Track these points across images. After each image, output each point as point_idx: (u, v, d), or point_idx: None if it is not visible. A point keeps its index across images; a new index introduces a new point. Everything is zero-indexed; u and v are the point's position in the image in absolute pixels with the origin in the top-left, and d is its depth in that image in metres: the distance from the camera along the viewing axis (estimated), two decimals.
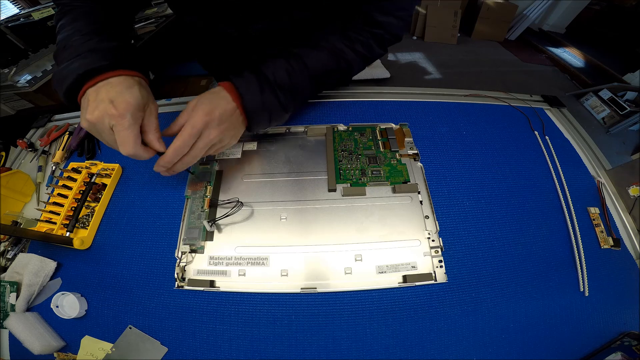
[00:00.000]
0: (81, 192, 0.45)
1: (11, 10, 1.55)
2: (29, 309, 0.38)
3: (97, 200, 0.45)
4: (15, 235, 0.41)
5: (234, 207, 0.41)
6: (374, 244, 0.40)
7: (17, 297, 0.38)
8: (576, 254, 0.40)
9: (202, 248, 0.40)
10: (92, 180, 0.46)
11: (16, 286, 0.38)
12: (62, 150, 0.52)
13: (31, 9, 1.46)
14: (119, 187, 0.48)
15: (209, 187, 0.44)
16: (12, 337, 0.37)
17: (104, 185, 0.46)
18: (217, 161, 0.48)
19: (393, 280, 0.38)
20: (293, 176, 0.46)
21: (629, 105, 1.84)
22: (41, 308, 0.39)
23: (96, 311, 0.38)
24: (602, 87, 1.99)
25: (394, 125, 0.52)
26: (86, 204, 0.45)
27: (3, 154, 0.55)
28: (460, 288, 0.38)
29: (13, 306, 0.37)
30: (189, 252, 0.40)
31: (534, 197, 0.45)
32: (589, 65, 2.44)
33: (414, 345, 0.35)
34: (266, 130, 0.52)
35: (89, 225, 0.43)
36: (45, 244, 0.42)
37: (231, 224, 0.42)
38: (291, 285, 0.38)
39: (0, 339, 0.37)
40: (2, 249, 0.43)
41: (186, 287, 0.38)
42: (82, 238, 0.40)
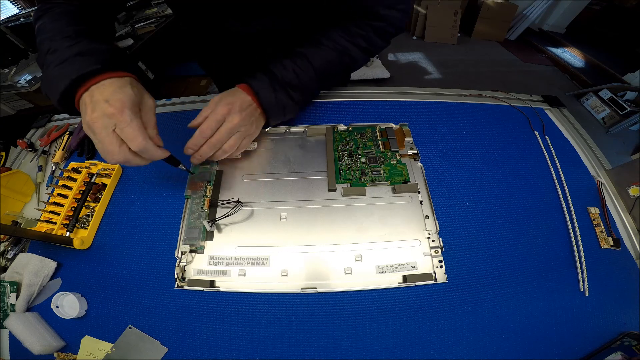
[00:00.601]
0: (81, 192, 0.45)
1: (11, 10, 1.55)
2: (29, 309, 0.38)
3: (97, 200, 0.45)
4: (15, 235, 0.41)
5: (234, 207, 0.41)
6: (374, 244, 0.40)
7: (17, 297, 0.38)
8: (576, 254, 0.40)
9: (202, 248, 0.40)
10: (92, 180, 0.46)
11: (16, 286, 0.38)
12: (62, 150, 0.52)
13: (31, 9, 1.46)
14: (119, 187, 0.48)
15: (209, 187, 0.44)
16: (12, 337, 0.37)
17: (104, 185, 0.46)
18: (217, 161, 0.48)
19: (393, 280, 0.38)
20: (293, 176, 0.46)
21: (629, 105, 1.84)
22: (41, 308, 0.39)
23: (96, 311, 0.38)
24: (602, 87, 1.99)
25: (394, 125, 0.52)
26: (86, 204, 0.45)
27: (3, 154, 0.55)
28: (460, 288, 0.38)
29: (13, 306, 0.37)
30: (189, 252, 0.40)
31: (534, 197, 0.45)
32: (589, 65, 2.44)
33: (414, 345, 0.35)
34: (265, 130, 0.52)
35: (89, 225, 0.43)
36: (45, 244, 0.42)
37: (231, 224, 0.42)
38: (291, 285, 0.38)
39: (0, 339, 0.37)
40: (2, 249, 0.43)
41: (186, 287, 0.38)
42: (82, 238, 0.40)
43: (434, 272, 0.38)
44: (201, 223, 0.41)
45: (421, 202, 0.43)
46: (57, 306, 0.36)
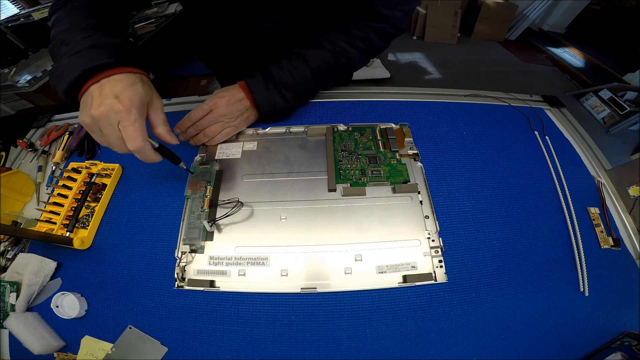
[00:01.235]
0: (81, 192, 0.45)
1: (11, 10, 1.55)
2: (29, 309, 0.38)
3: (97, 200, 0.45)
4: (15, 235, 0.41)
5: (234, 207, 0.41)
6: (374, 244, 0.40)
7: (17, 297, 0.38)
8: (576, 254, 0.40)
9: (202, 248, 0.40)
10: (92, 180, 0.46)
11: (16, 286, 0.38)
12: (62, 150, 0.52)
13: (31, 9, 1.46)
14: (119, 187, 0.48)
15: (209, 187, 0.44)
16: (12, 337, 0.37)
17: (104, 185, 0.46)
18: (217, 161, 0.48)
19: (393, 280, 0.38)
20: (293, 176, 0.46)
21: (629, 105, 1.84)
22: (41, 308, 0.39)
23: (96, 311, 0.38)
24: (602, 87, 1.99)
25: (394, 125, 0.52)
26: (86, 204, 0.45)
27: (3, 154, 0.55)
28: (460, 288, 0.38)
29: (13, 306, 0.37)
30: (189, 252, 0.40)
31: (534, 197, 0.45)
32: (589, 65, 2.44)
33: (414, 345, 0.35)
34: (265, 130, 0.52)
35: (89, 225, 0.43)
36: (45, 244, 0.42)
37: (231, 224, 0.42)
38: (291, 285, 0.38)
39: (0, 339, 0.37)
40: (2, 249, 0.43)
41: (186, 287, 0.38)
42: (82, 238, 0.40)
43: (434, 272, 0.38)
44: (201, 223, 0.41)
45: (421, 202, 0.43)
46: (57, 306, 0.36)
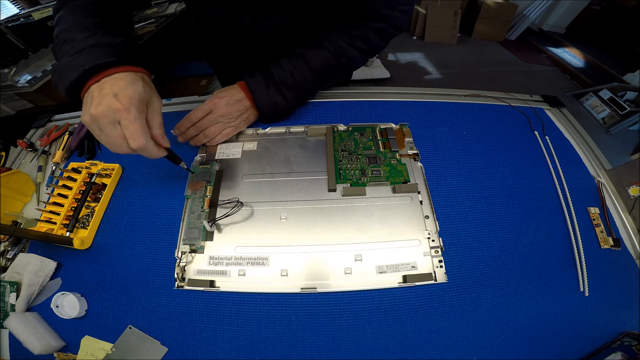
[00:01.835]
0: (81, 192, 0.45)
1: (11, 10, 1.55)
2: (29, 309, 0.38)
3: (97, 200, 0.45)
4: (15, 235, 0.41)
5: (234, 207, 0.41)
6: (374, 244, 0.40)
7: (17, 297, 0.38)
8: (576, 254, 0.40)
9: (202, 248, 0.40)
10: (92, 180, 0.46)
11: (16, 286, 0.38)
12: (62, 150, 0.52)
13: (31, 9, 1.46)
14: (119, 187, 0.48)
15: (208, 187, 0.44)
16: (12, 337, 0.37)
17: (104, 185, 0.46)
18: (217, 161, 0.48)
19: (393, 280, 0.38)
20: (293, 176, 0.46)
21: (629, 105, 1.84)
22: (41, 308, 0.39)
23: (96, 311, 0.38)
24: (602, 87, 1.99)
25: (394, 125, 0.52)
26: (86, 204, 0.45)
27: (3, 154, 0.55)
28: (460, 288, 0.38)
29: (13, 306, 0.37)
30: (189, 252, 0.40)
31: (534, 197, 0.45)
32: (589, 65, 2.44)
33: (414, 345, 0.35)
34: (265, 130, 0.52)
35: (89, 225, 0.43)
36: (45, 244, 0.42)
37: (231, 224, 0.42)
38: (291, 285, 0.38)
39: (0, 339, 0.37)
40: (2, 249, 0.43)
41: (186, 287, 0.38)
42: (82, 238, 0.40)
43: (434, 272, 0.38)
44: (201, 223, 0.41)
45: (421, 202, 0.43)
46: (57, 306, 0.36)
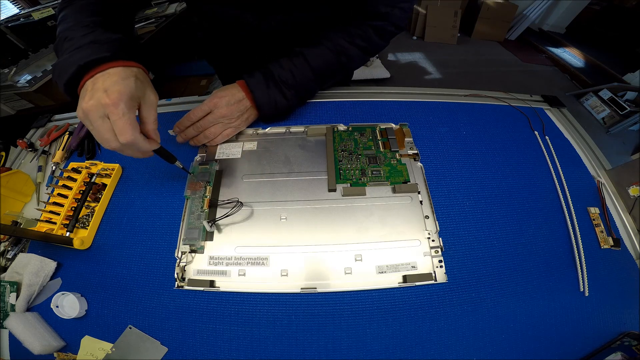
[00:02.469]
0: (81, 192, 0.45)
1: (11, 10, 1.55)
2: (29, 309, 0.38)
3: (97, 200, 0.45)
4: (15, 235, 0.41)
5: (234, 207, 0.41)
6: (374, 244, 0.40)
7: (17, 297, 0.38)
8: (576, 254, 0.40)
9: (202, 248, 0.40)
10: (92, 180, 0.46)
11: (16, 286, 0.38)
12: (62, 150, 0.52)
13: (31, 9, 1.46)
14: (119, 187, 0.48)
15: (208, 187, 0.44)
16: (12, 337, 0.37)
17: (104, 185, 0.46)
18: (217, 161, 0.48)
19: (393, 280, 0.38)
20: (293, 176, 0.46)
21: (629, 105, 1.84)
22: (41, 308, 0.39)
23: (96, 311, 0.38)
24: (602, 87, 1.99)
25: (394, 125, 0.52)
26: (86, 204, 0.45)
27: (3, 154, 0.55)
28: (460, 288, 0.38)
29: (13, 306, 0.37)
30: (189, 252, 0.40)
31: (534, 197, 0.45)
32: (589, 65, 2.44)
33: (414, 345, 0.35)
34: (265, 130, 0.52)
35: (89, 225, 0.43)
36: (45, 244, 0.42)
37: (231, 224, 0.42)
38: (291, 285, 0.38)
39: (0, 339, 0.37)
40: (2, 249, 0.43)
41: (186, 287, 0.38)
42: (82, 238, 0.40)
43: (434, 272, 0.38)
44: (201, 223, 0.41)
45: (421, 202, 0.43)
46: (57, 306, 0.36)
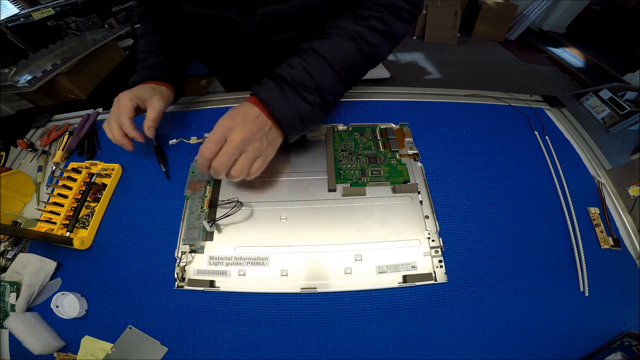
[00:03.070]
0: (81, 192, 0.45)
1: (11, 10, 1.55)
2: (29, 309, 0.38)
3: (97, 200, 0.45)
4: (15, 235, 0.41)
5: (233, 207, 0.41)
6: (374, 244, 0.40)
7: (17, 297, 0.38)
8: (576, 254, 0.40)
9: (202, 248, 0.40)
10: (92, 180, 0.46)
11: (16, 286, 0.38)
12: (62, 150, 0.52)
13: (31, 9, 1.46)
14: (119, 187, 0.48)
15: (208, 187, 0.44)
16: (12, 337, 0.37)
17: (104, 185, 0.46)
18: None
19: (393, 280, 0.38)
20: (293, 176, 0.46)
21: (629, 105, 1.84)
22: (41, 308, 0.39)
23: (96, 311, 0.38)
24: (602, 87, 1.99)
25: (394, 125, 0.52)
26: (86, 204, 0.45)
27: (3, 154, 0.55)
28: (460, 288, 0.38)
29: (13, 306, 0.37)
30: (189, 252, 0.40)
31: (534, 197, 0.45)
32: (589, 65, 2.45)
33: (414, 345, 0.35)
34: None
35: (89, 225, 0.43)
36: (45, 244, 0.42)
37: (231, 224, 0.42)
38: (291, 285, 0.38)
39: (0, 339, 0.37)
40: (2, 249, 0.43)
41: (186, 287, 0.38)
42: (82, 238, 0.40)
43: (434, 272, 0.38)
44: (201, 223, 0.41)
45: (421, 202, 0.43)
46: (57, 306, 0.36)
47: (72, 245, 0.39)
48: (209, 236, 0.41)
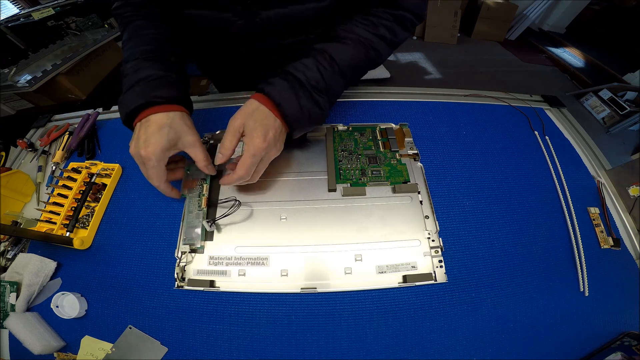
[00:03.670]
0: (81, 192, 0.45)
1: (11, 10, 1.55)
2: (29, 309, 0.38)
3: (97, 200, 0.45)
4: (15, 235, 0.41)
5: (231, 207, 0.41)
6: (374, 244, 0.40)
7: (17, 297, 0.38)
8: (576, 254, 0.40)
9: (202, 248, 0.40)
10: (92, 180, 0.46)
11: (16, 286, 0.38)
12: (62, 150, 0.52)
13: (31, 9, 1.46)
14: (119, 187, 0.48)
15: (205, 185, 0.44)
16: (12, 337, 0.37)
17: (104, 185, 0.46)
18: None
19: (393, 280, 0.38)
20: (293, 176, 0.46)
21: (629, 105, 1.84)
22: (41, 308, 0.39)
23: (96, 311, 0.38)
24: (602, 87, 1.99)
25: (394, 125, 0.52)
26: (86, 204, 0.45)
27: (3, 154, 0.55)
28: (460, 288, 0.38)
29: (13, 306, 0.37)
30: (189, 252, 0.40)
31: (534, 197, 0.45)
32: (589, 65, 2.45)
33: (414, 345, 0.35)
34: None
35: (89, 225, 0.43)
36: (45, 244, 0.42)
37: (231, 224, 0.42)
38: (291, 285, 0.38)
39: (0, 339, 0.37)
40: (2, 249, 0.43)
41: (186, 287, 0.38)
42: (82, 238, 0.40)
43: (434, 272, 0.38)
44: (200, 222, 0.41)
45: (421, 202, 0.43)
46: (57, 306, 0.36)
47: (72, 245, 0.39)
48: (209, 236, 0.41)
